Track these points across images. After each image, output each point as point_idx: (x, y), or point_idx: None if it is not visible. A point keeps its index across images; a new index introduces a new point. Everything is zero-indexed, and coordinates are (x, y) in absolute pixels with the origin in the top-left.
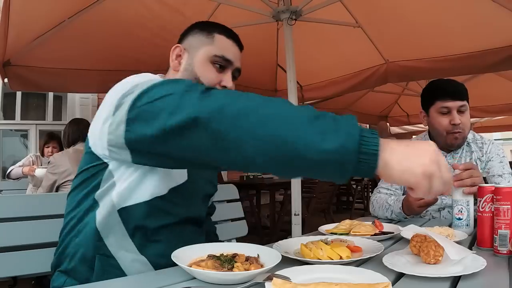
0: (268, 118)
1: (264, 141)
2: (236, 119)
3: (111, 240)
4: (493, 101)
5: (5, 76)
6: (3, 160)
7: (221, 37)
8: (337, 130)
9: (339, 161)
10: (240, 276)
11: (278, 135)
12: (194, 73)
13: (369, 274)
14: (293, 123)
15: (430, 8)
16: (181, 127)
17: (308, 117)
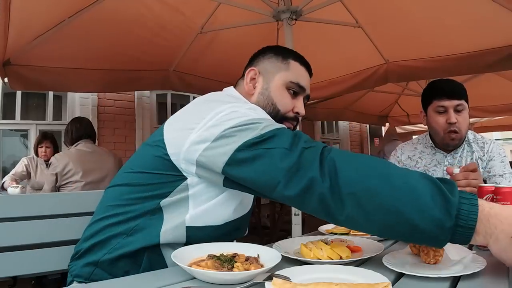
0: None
1: (386, 218)
2: (358, 199)
3: (169, 243)
4: (493, 101)
5: (5, 76)
6: (3, 160)
7: (296, 63)
8: (441, 205)
9: (435, 235)
10: (240, 276)
11: (393, 208)
12: (270, 98)
13: (369, 274)
14: (417, 201)
15: (430, 8)
16: (295, 195)
17: (431, 195)
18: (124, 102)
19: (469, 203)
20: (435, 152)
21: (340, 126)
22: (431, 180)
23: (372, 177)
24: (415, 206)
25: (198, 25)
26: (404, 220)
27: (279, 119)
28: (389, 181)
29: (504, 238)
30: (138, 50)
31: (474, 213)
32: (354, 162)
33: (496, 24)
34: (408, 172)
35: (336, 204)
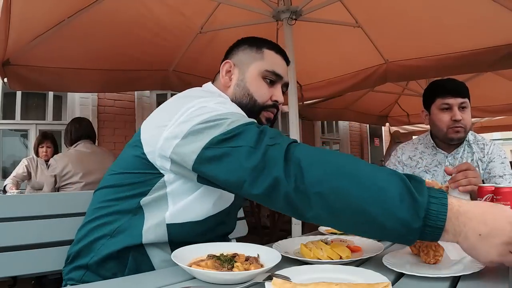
0: (360, 195)
1: (354, 217)
2: (325, 198)
3: (152, 242)
4: (493, 101)
5: (5, 76)
6: (3, 160)
7: (270, 52)
8: (409, 206)
9: (404, 234)
10: (240, 276)
11: (361, 208)
12: (246, 88)
13: (369, 274)
14: (384, 202)
15: (429, 8)
16: (261, 194)
17: (400, 195)
18: (124, 102)
19: (438, 203)
20: (436, 152)
21: (340, 126)
22: (400, 179)
23: (340, 176)
24: (383, 207)
25: (197, 25)
26: (371, 220)
27: (257, 109)
28: (357, 181)
29: (472, 236)
30: (138, 50)
31: (443, 213)
32: (321, 161)
33: (495, 23)
34: (377, 170)
35: (302, 203)
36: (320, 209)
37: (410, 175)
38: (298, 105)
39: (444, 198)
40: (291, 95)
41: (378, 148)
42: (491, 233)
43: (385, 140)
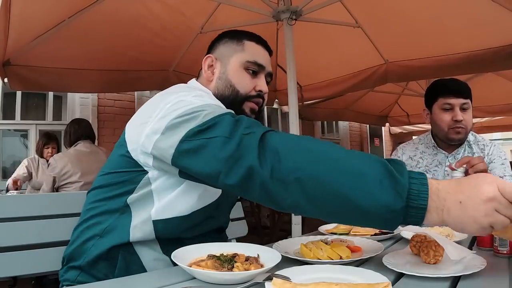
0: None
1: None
2: (303, 185)
3: (139, 241)
4: (494, 101)
5: (5, 76)
6: (3, 160)
7: (251, 43)
8: (390, 187)
9: (388, 218)
10: (240, 276)
11: (341, 195)
12: (228, 80)
13: (369, 274)
14: (365, 186)
15: (429, 8)
16: (236, 185)
17: (380, 178)
18: (124, 102)
19: (419, 183)
20: (436, 152)
21: (340, 126)
22: (380, 162)
23: (318, 162)
24: (363, 191)
25: (198, 25)
26: (352, 205)
27: (240, 100)
28: (336, 166)
29: (454, 206)
30: (138, 50)
31: (424, 192)
32: (299, 147)
33: (496, 24)
34: (356, 155)
35: (280, 191)
36: (298, 197)
37: (391, 159)
38: (298, 105)
39: (423, 179)
40: (291, 95)
41: (378, 148)
42: (470, 196)
43: (385, 140)
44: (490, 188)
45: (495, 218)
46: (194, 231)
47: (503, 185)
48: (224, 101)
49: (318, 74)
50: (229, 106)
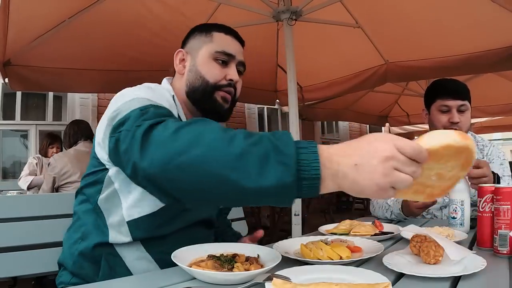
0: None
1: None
2: (180, 171)
3: (119, 242)
4: (493, 101)
5: (5, 76)
6: (3, 160)
7: (219, 34)
8: (276, 162)
9: (280, 194)
10: (240, 276)
11: (223, 177)
12: (198, 72)
13: (369, 274)
14: (246, 164)
15: (430, 9)
16: (134, 180)
17: (264, 155)
18: None
19: (308, 152)
20: None
21: (340, 126)
22: (264, 137)
23: (199, 147)
24: (248, 172)
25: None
26: (240, 188)
27: (210, 89)
28: (218, 149)
29: (349, 169)
30: (138, 50)
31: (315, 161)
32: (179, 134)
33: (495, 25)
34: (240, 136)
35: (164, 182)
36: (183, 185)
37: (274, 132)
38: (298, 105)
39: (313, 146)
40: (291, 96)
41: None
42: (365, 157)
43: None
44: (386, 146)
45: (395, 178)
46: (171, 227)
47: (400, 142)
48: (195, 92)
49: (318, 75)
50: (201, 96)
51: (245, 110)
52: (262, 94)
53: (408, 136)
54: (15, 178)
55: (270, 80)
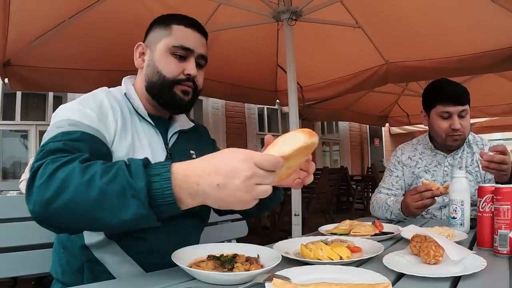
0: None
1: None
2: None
3: (97, 248)
4: (493, 102)
5: (5, 76)
6: (3, 160)
7: (179, 27)
8: (131, 196)
9: (142, 222)
10: (241, 276)
11: (91, 216)
12: (155, 66)
13: (369, 275)
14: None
15: (430, 9)
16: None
17: (120, 192)
18: None
19: (160, 180)
20: (435, 153)
21: (340, 126)
22: (121, 174)
23: (64, 193)
24: (111, 210)
25: None
26: (109, 225)
27: (168, 84)
28: (79, 195)
29: (212, 189)
30: None
31: (168, 189)
32: (49, 182)
33: (496, 26)
34: (95, 176)
35: (50, 221)
36: (64, 223)
37: (131, 160)
38: (298, 105)
39: (166, 172)
40: (291, 96)
41: (378, 149)
42: (228, 178)
43: (385, 140)
44: (246, 166)
45: (257, 192)
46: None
47: (258, 158)
48: (153, 87)
49: (318, 75)
50: (159, 91)
51: (245, 110)
52: (262, 94)
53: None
54: (15, 179)
55: (270, 80)
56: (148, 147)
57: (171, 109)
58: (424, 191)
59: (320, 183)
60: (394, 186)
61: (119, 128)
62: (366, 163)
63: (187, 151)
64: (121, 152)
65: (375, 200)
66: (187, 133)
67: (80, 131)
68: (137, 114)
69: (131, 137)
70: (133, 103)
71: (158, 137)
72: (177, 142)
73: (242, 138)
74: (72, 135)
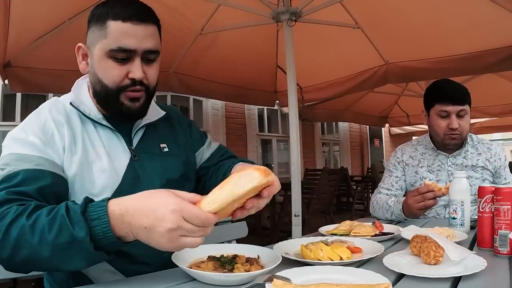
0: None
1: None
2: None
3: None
4: (493, 102)
5: (5, 78)
6: None
7: (115, 23)
8: (77, 249)
9: (94, 262)
10: (241, 277)
11: (51, 265)
12: (96, 74)
13: (369, 275)
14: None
15: (429, 9)
16: None
17: (64, 242)
18: None
19: (100, 223)
20: (437, 154)
21: (340, 127)
22: (60, 226)
23: (24, 251)
24: (63, 261)
25: (198, 27)
26: (65, 269)
27: (112, 94)
28: (39, 253)
29: (140, 230)
30: None
31: (108, 232)
32: (8, 237)
33: (495, 25)
34: (44, 231)
35: (17, 271)
36: (30, 270)
37: (70, 206)
38: (298, 106)
39: (104, 215)
40: (291, 97)
41: (378, 149)
42: (154, 224)
43: (385, 141)
44: (172, 217)
45: (182, 243)
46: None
47: (188, 213)
48: (99, 97)
49: (318, 75)
50: (105, 102)
51: (244, 111)
52: (261, 95)
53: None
54: None
55: (270, 81)
56: (105, 156)
57: (122, 119)
58: (426, 192)
59: (320, 183)
60: (393, 187)
61: (68, 143)
62: (366, 164)
63: (156, 145)
64: (72, 169)
65: (375, 200)
66: (155, 125)
67: (22, 169)
68: (90, 120)
69: (82, 150)
70: (83, 110)
71: (118, 139)
72: (143, 139)
73: (242, 139)
74: (15, 179)
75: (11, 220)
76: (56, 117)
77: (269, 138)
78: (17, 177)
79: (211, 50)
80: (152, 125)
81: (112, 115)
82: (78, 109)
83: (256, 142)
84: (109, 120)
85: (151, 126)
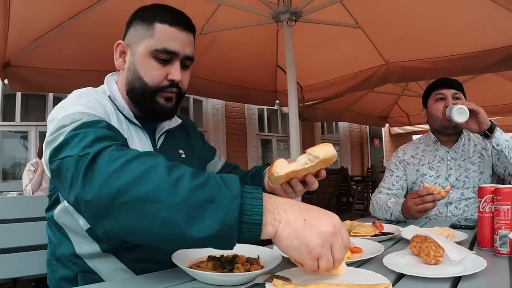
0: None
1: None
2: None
3: (88, 256)
4: (493, 102)
5: (5, 77)
6: (3, 161)
7: (162, 26)
8: (217, 208)
9: (222, 239)
10: (241, 277)
11: (166, 219)
12: (136, 71)
13: (369, 275)
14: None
15: (430, 9)
16: (75, 208)
17: (185, 197)
18: None
19: (252, 197)
20: (437, 148)
21: (340, 126)
22: (212, 179)
23: (143, 185)
24: (191, 218)
25: (198, 26)
26: (182, 231)
27: (150, 92)
28: (162, 190)
29: (296, 220)
30: None
31: (258, 207)
32: (124, 169)
33: (495, 25)
34: (186, 175)
35: (107, 217)
36: (127, 222)
37: (222, 174)
38: (298, 106)
39: (258, 193)
40: (291, 96)
41: (378, 149)
42: (317, 218)
43: (385, 141)
44: (337, 222)
45: (325, 253)
46: None
47: (345, 231)
48: (135, 94)
49: (318, 75)
50: (141, 99)
51: (245, 111)
52: (262, 94)
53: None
54: (15, 179)
55: (270, 80)
56: (140, 150)
57: (154, 117)
58: (426, 195)
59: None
60: (394, 186)
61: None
62: (366, 164)
63: (175, 151)
64: None
65: (375, 200)
66: (174, 131)
67: (101, 120)
68: (123, 115)
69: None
70: (118, 105)
71: (146, 139)
72: (165, 143)
73: (242, 139)
74: (96, 125)
75: (139, 153)
76: (107, 105)
77: (269, 138)
78: (99, 123)
79: (211, 50)
80: (172, 132)
81: (144, 112)
82: (115, 104)
83: (256, 142)
84: (138, 120)
85: (171, 132)
